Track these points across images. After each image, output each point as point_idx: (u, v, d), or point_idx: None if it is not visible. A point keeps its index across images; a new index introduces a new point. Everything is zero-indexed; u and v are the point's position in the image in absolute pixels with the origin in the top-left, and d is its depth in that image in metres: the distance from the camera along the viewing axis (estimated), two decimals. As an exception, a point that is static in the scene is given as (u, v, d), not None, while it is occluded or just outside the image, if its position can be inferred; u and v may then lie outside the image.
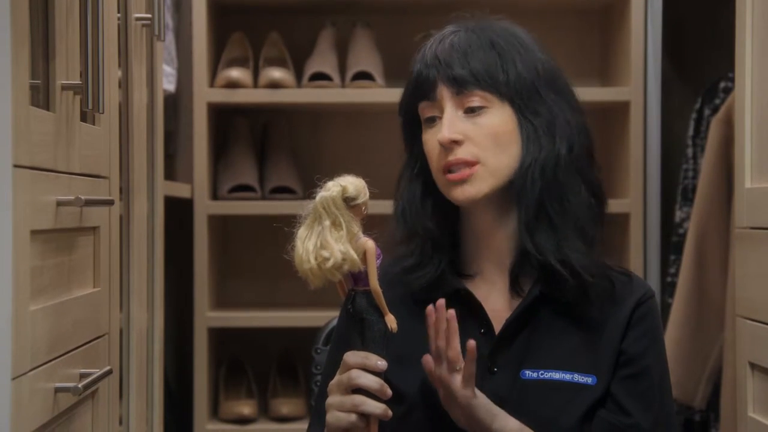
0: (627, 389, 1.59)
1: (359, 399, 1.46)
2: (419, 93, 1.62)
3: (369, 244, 1.44)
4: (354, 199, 1.43)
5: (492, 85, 1.58)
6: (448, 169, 1.58)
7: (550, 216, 1.57)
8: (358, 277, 1.46)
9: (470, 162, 1.57)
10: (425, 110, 1.62)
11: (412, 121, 1.65)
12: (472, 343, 1.49)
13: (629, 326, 1.61)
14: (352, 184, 1.44)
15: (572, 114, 1.61)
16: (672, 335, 2.82)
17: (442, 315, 1.49)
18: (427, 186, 1.64)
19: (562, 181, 1.58)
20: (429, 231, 1.63)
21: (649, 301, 1.64)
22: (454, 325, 1.49)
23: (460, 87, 1.57)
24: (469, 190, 1.57)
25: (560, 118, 1.60)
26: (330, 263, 1.42)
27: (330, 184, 1.44)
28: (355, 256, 1.43)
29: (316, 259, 1.42)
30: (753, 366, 1.78)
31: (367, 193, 1.45)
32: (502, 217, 1.62)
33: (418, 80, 1.62)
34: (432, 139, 1.60)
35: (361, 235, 1.44)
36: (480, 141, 1.57)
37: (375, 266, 1.44)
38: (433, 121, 1.60)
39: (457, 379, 1.50)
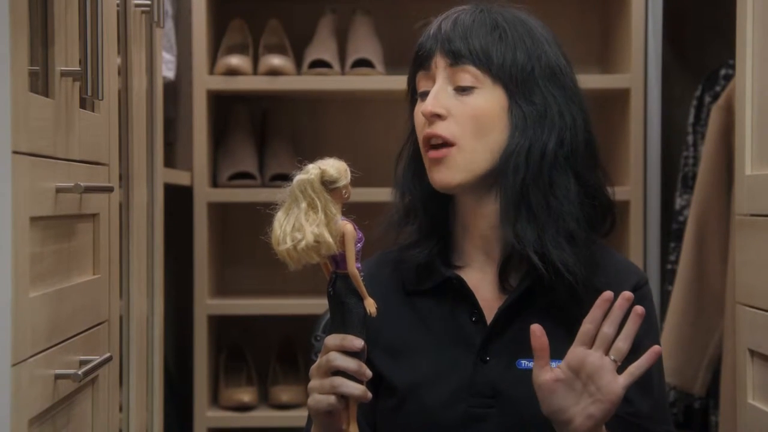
0: None
1: (338, 380, 1.44)
2: (417, 62, 1.63)
3: (347, 227, 1.42)
4: (334, 182, 1.41)
5: (486, 63, 1.57)
6: (430, 143, 1.58)
7: (531, 207, 1.56)
8: (338, 260, 1.44)
9: (447, 140, 1.57)
10: (421, 82, 1.62)
11: (414, 98, 1.66)
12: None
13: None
14: (332, 166, 1.41)
15: (570, 110, 1.60)
16: (672, 322, 2.82)
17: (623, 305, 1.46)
18: (420, 167, 1.64)
19: (548, 174, 1.57)
20: (426, 204, 1.64)
21: (644, 288, 1.64)
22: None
23: (454, 59, 1.57)
24: (445, 173, 1.57)
25: (554, 109, 1.58)
26: (302, 244, 1.39)
27: (310, 166, 1.42)
28: (329, 239, 1.40)
29: (292, 240, 1.40)
30: (752, 353, 1.78)
31: (349, 176, 1.42)
32: (484, 206, 1.61)
33: (418, 51, 1.63)
34: (420, 112, 1.60)
35: (339, 218, 1.42)
36: (462, 120, 1.57)
37: (353, 249, 1.42)
38: (426, 95, 1.61)
39: (610, 370, 1.45)
